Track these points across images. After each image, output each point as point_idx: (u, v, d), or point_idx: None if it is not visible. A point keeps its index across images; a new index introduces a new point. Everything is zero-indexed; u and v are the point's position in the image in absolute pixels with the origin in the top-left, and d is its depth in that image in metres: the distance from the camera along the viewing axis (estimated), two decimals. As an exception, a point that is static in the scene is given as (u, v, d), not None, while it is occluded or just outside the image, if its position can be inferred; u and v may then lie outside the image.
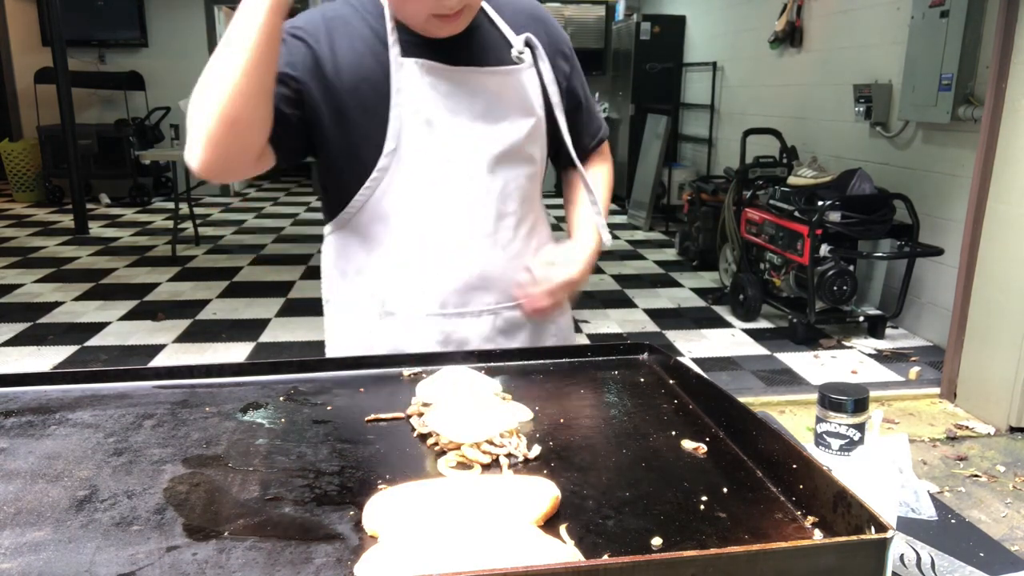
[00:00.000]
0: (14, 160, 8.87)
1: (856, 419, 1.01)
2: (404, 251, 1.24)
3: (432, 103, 1.19)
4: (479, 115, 1.21)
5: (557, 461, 0.87)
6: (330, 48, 1.17)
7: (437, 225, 1.22)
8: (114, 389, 1.05)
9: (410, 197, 1.21)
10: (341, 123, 1.19)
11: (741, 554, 0.60)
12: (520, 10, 1.30)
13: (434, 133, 1.19)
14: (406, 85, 1.17)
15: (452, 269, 1.24)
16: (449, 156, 1.20)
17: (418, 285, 1.25)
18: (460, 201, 1.22)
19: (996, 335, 3.16)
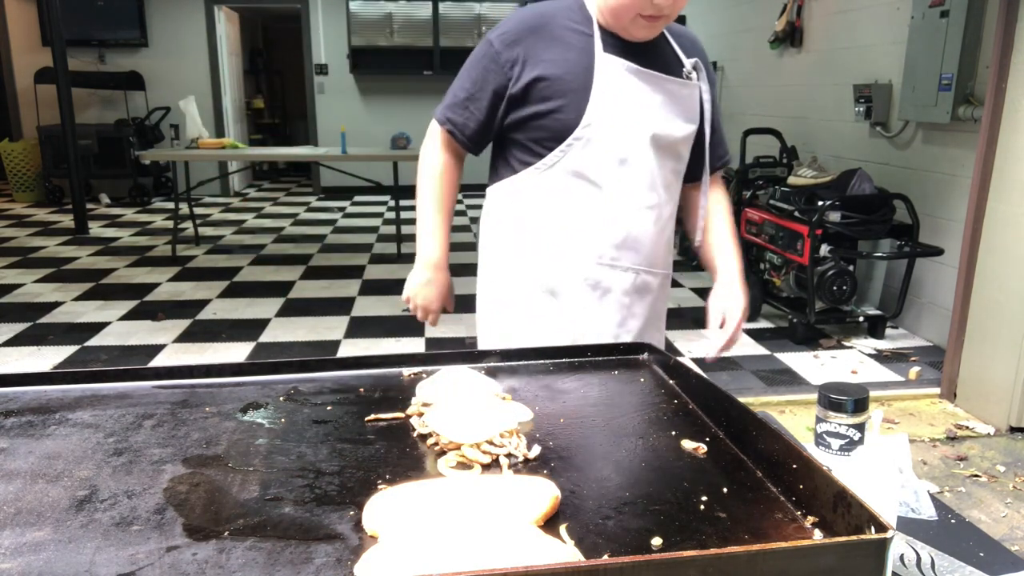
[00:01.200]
0: (14, 160, 8.87)
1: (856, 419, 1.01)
2: (580, 203, 1.48)
3: (625, 91, 1.44)
4: (656, 111, 1.47)
5: (557, 461, 0.87)
6: (539, 44, 1.44)
7: (611, 188, 1.47)
8: (114, 389, 1.05)
9: (594, 162, 1.45)
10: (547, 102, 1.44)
11: (741, 554, 0.60)
12: (685, 35, 1.57)
13: (622, 115, 1.44)
14: (606, 74, 1.43)
15: (615, 226, 1.49)
16: (629, 136, 1.45)
17: (586, 234, 1.49)
18: (631, 174, 1.47)
19: (996, 335, 3.16)
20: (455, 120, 1.52)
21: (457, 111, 1.51)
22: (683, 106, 1.50)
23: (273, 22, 12.91)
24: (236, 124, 10.31)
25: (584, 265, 1.50)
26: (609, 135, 1.44)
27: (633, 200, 1.49)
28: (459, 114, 1.51)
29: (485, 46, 1.48)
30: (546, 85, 1.43)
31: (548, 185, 1.49)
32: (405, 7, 9.45)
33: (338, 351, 4.13)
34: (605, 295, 1.52)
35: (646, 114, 1.45)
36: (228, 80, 9.93)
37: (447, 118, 1.53)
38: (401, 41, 9.55)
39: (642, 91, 1.45)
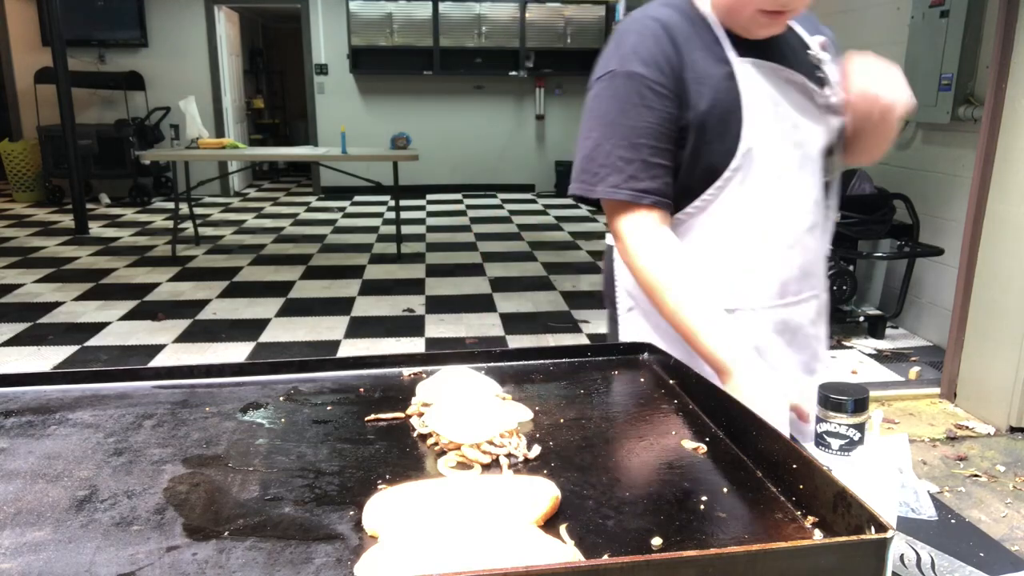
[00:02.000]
0: (14, 160, 8.87)
1: (856, 419, 1.01)
2: (749, 245, 1.23)
3: (772, 102, 1.19)
4: (802, 114, 1.22)
5: (557, 461, 0.87)
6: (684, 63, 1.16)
7: (779, 219, 1.23)
8: (114, 389, 1.05)
9: (757, 194, 1.20)
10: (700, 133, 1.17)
11: (741, 554, 0.60)
12: (809, 19, 1.31)
13: (779, 131, 1.20)
14: (750, 85, 1.17)
15: (791, 259, 1.26)
16: (788, 153, 1.22)
17: (762, 278, 1.25)
18: (796, 195, 1.24)
19: (996, 335, 3.16)
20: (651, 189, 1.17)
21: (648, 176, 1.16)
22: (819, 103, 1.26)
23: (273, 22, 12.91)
24: (236, 124, 10.31)
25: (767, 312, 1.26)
26: (767, 158, 1.19)
27: (804, 221, 1.25)
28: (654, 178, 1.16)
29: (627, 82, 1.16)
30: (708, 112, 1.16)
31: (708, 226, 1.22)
32: (405, 7, 9.46)
33: (338, 351, 4.13)
34: (797, 332, 1.29)
35: (795, 120, 1.22)
36: (228, 80, 9.93)
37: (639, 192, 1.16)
38: (401, 41, 9.55)
39: (785, 94, 1.21)
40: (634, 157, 1.16)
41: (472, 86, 9.95)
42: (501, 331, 4.49)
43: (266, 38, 13.19)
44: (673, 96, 1.15)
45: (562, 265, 5.99)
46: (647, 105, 1.15)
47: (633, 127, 1.15)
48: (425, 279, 5.64)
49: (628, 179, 1.16)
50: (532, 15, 9.64)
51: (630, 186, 1.16)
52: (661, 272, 1.17)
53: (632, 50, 1.16)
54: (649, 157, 1.16)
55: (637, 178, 1.16)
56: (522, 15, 9.60)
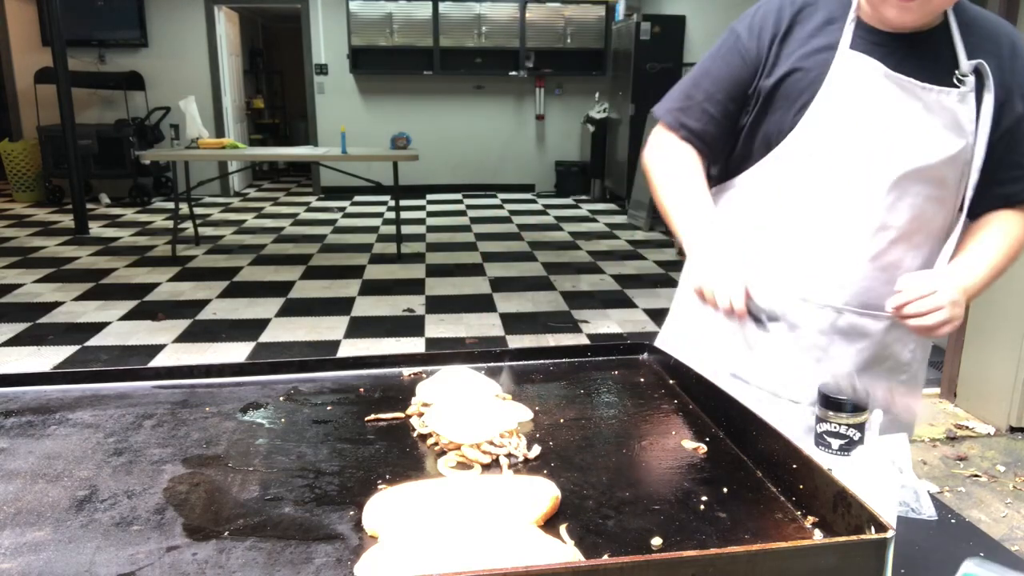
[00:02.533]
0: (14, 160, 8.87)
1: (856, 419, 1.01)
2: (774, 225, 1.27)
3: (861, 100, 1.19)
4: (901, 127, 1.19)
5: (557, 461, 0.87)
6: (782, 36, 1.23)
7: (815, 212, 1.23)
8: (114, 389, 1.05)
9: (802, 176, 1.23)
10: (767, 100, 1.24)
11: (741, 554, 0.60)
12: (992, 35, 1.23)
13: (847, 132, 1.19)
14: (843, 75, 1.19)
15: (806, 257, 1.25)
16: (853, 159, 1.20)
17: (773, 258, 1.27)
18: (846, 199, 1.22)
19: (996, 335, 3.16)
20: (688, 124, 1.29)
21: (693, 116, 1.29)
22: (948, 122, 1.19)
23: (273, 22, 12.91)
24: (236, 124, 10.31)
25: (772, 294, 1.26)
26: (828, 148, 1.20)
27: (841, 229, 1.22)
28: (693, 117, 1.29)
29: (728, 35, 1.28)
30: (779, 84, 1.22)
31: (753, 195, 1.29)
32: (405, 7, 9.45)
33: (338, 351, 4.13)
34: (793, 330, 1.28)
35: (888, 131, 1.19)
36: (228, 80, 9.93)
37: (680, 124, 1.30)
38: (401, 41, 9.55)
39: (890, 101, 1.18)
40: (694, 94, 1.30)
41: (472, 86, 9.95)
42: (501, 331, 4.49)
43: (266, 38, 13.19)
44: (753, 62, 1.24)
45: (562, 265, 5.99)
46: (725, 60, 1.27)
47: (707, 72, 1.29)
48: (425, 279, 5.64)
49: (679, 111, 1.31)
50: (532, 15, 9.64)
51: (676, 117, 1.31)
52: (665, 170, 1.32)
53: (750, 13, 1.28)
54: (704, 101, 1.28)
55: (685, 112, 1.30)
56: (522, 15, 9.60)
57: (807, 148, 1.22)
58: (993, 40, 1.22)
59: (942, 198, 1.24)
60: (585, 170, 9.74)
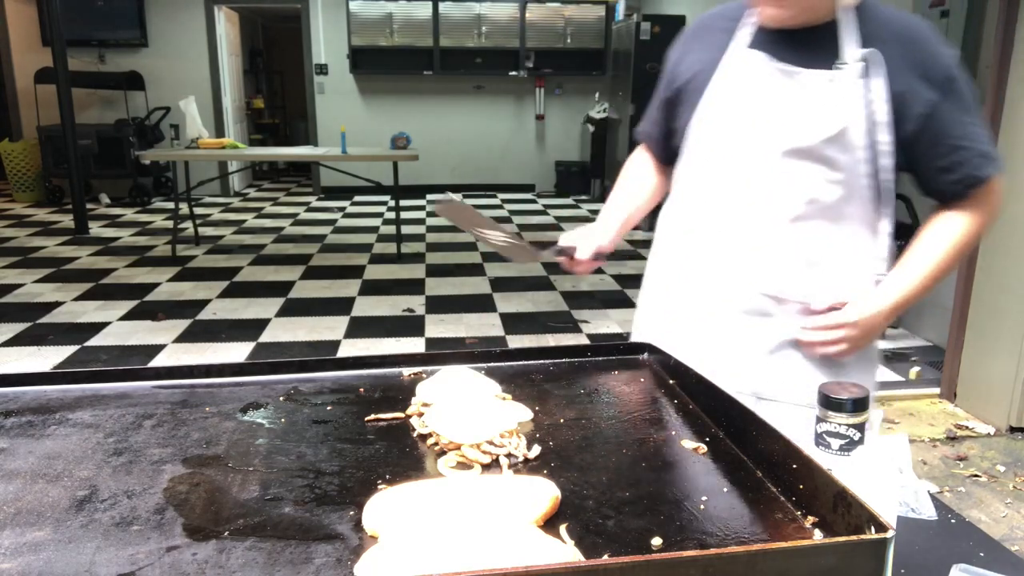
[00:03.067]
0: (14, 160, 8.87)
1: (856, 419, 1.00)
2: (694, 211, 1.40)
3: (742, 88, 1.32)
4: (778, 109, 1.28)
5: (557, 461, 0.87)
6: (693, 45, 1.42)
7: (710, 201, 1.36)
8: (114, 389, 1.05)
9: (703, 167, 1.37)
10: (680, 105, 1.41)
11: (741, 554, 0.60)
12: (892, 28, 1.27)
13: (732, 118, 1.32)
14: (730, 69, 1.33)
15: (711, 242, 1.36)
16: (742, 139, 1.32)
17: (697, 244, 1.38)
18: (735, 184, 1.33)
19: (996, 335, 3.16)
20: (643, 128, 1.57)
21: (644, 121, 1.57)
22: (821, 102, 1.26)
23: (273, 22, 12.91)
24: (236, 124, 10.31)
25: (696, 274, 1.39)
26: (717, 136, 1.33)
27: (741, 213, 1.31)
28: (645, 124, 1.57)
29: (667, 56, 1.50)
30: (684, 87, 1.40)
31: (679, 188, 1.44)
32: (405, 7, 9.45)
33: (338, 351, 4.13)
34: (714, 310, 1.36)
35: (770, 113, 1.28)
36: (228, 80, 9.93)
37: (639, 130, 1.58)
38: (401, 41, 9.55)
39: (769, 86, 1.29)
40: (652, 103, 1.54)
41: (472, 86, 9.95)
42: (501, 331, 4.49)
43: (266, 38, 13.19)
44: (671, 67, 1.46)
45: (562, 265, 5.99)
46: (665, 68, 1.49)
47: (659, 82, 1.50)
48: (425, 279, 5.64)
49: (640, 123, 1.59)
50: (532, 15, 9.64)
51: (639, 127, 1.59)
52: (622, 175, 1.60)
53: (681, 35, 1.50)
54: (652, 109, 1.54)
55: (644, 121, 1.58)
56: (522, 15, 9.60)
57: (702, 141, 1.36)
58: (893, 33, 1.26)
59: (845, 182, 1.28)
60: (585, 170, 9.74)
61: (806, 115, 1.27)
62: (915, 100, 1.25)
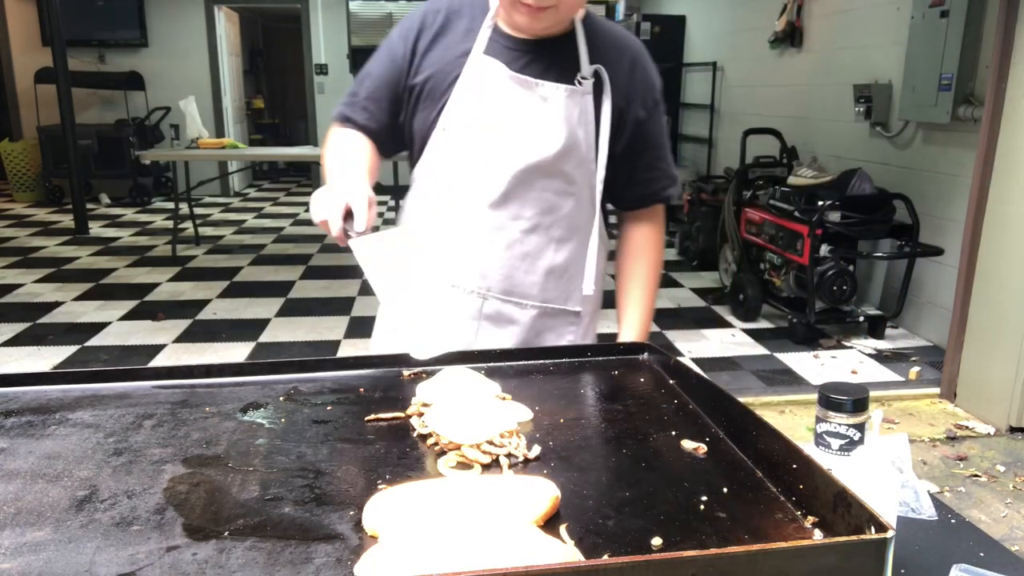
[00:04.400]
0: (14, 160, 8.87)
1: (856, 419, 1.01)
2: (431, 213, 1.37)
3: (485, 99, 1.30)
4: (519, 122, 1.30)
5: (557, 461, 0.87)
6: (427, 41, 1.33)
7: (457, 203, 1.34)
8: (114, 389, 1.05)
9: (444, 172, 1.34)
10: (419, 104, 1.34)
11: (741, 554, 0.60)
12: (616, 45, 1.35)
13: (474, 129, 1.31)
14: (471, 77, 1.30)
15: (453, 242, 1.34)
16: (482, 148, 1.31)
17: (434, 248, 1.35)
18: (478, 189, 1.32)
19: (996, 335, 3.16)
20: (353, 118, 1.38)
21: (356, 111, 1.38)
22: (559, 117, 1.30)
23: (273, 22, 12.91)
24: (236, 124, 10.31)
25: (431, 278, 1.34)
26: (460, 143, 1.32)
27: (477, 217, 1.33)
28: (357, 113, 1.37)
29: (386, 39, 1.38)
30: (421, 86, 1.33)
31: (416, 190, 1.41)
32: (405, 7, 9.45)
33: (338, 351, 4.13)
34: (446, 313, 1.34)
35: (508, 124, 1.29)
36: (228, 80, 9.93)
37: (345, 117, 1.38)
38: (401, 41, 9.55)
39: (510, 98, 1.29)
40: (358, 92, 1.39)
41: (472, 86, 9.96)
42: (501, 331, 4.49)
43: (266, 38, 13.19)
44: (401, 63, 1.34)
45: (562, 265, 6.00)
46: (381, 61, 1.37)
47: (368, 72, 1.38)
48: (425, 279, 5.64)
49: (345, 106, 1.39)
50: (532, 15, 9.64)
51: (341, 112, 1.39)
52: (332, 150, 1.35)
53: (406, 18, 1.38)
54: (365, 99, 1.37)
55: (350, 107, 1.38)
56: (522, 15, 9.60)
57: (445, 144, 1.33)
58: (617, 50, 1.34)
59: (574, 193, 1.36)
60: (585, 170, 9.73)
61: (545, 129, 1.30)
62: (630, 117, 1.35)
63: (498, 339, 1.37)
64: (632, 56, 1.36)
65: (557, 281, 1.39)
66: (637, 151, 1.38)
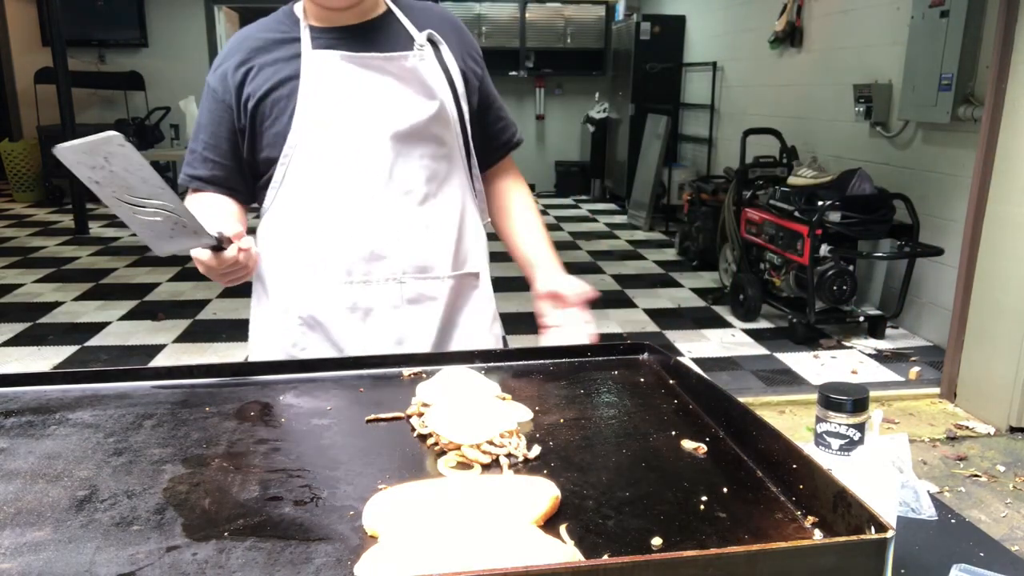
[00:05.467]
0: (14, 160, 8.87)
1: (856, 419, 1.00)
2: (314, 219, 1.32)
3: (339, 83, 1.29)
4: (381, 97, 1.31)
5: (557, 461, 0.87)
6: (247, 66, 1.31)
7: (337, 199, 1.31)
8: (114, 389, 1.05)
9: (316, 170, 1.31)
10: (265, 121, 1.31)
11: (741, 554, 0.60)
12: (431, 15, 1.41)
13: (337, 111, 1.29)
14: (313, 71, 1.28)
15: (356, 237, 1.32)
16: (352, 131, 1.30)
17: (328, 253, 1.33)
18: (358, 176, 1.31)
19: (996, 335, 3.16)
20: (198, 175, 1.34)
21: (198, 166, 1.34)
22: (419, 83, 1.32)
23: (273, 22, 12.90)
24: (236, 124, 10.30)
25: (336, 288, 1.33)
26: (325, 136, 1.29)
27: (372, 203, 1.31)
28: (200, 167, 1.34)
29: (205, 88, 1.35)
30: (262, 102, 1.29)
31: (283, 207, 1.34)
32: (405, 7, 9.45)
33: (338, 351, 4.12)
34: (368, 315, 1.34)
35: (370, 102, 1.30)
36: (228, 80, 9.92)
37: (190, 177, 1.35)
38: (401, 41, 9.55)
39: (362, 78, 1.30)
40: (195, 148, 1.36)
41: (472, 86, 9.95)
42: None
43: (266, 38, 13.19)
44: (226, 102, 1.32)
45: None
46: (209, 110, 1.34)
47: (201, 126, 1.35)
48: (425, 279, 5.64)
49: (187, 166, 1.36)
50: (532, 15, 9.64)
51: (186, 174, 1.36)
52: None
53: (216, 62, 1.36)
54: (204, 151, 1.34)
55: (191, 166, 1.35)
56: (522, 15, 9.59)
57: (308, 142, 1.29)
58: (436, 19, 1.40)
59: (449, 156, 1.38)
60: (585, 170, 9.73)
61: (405, 98, 1.32)
62: (472, 76, 1.40)
63: (421, 319, 1.37)
64: (451, 22, 1.43)
65: (457, 246, 1.40)
66: (484, 107, 1.45)
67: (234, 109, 1.32)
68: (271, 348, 1.38)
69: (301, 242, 1.34)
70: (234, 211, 1.35)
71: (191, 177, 1.35)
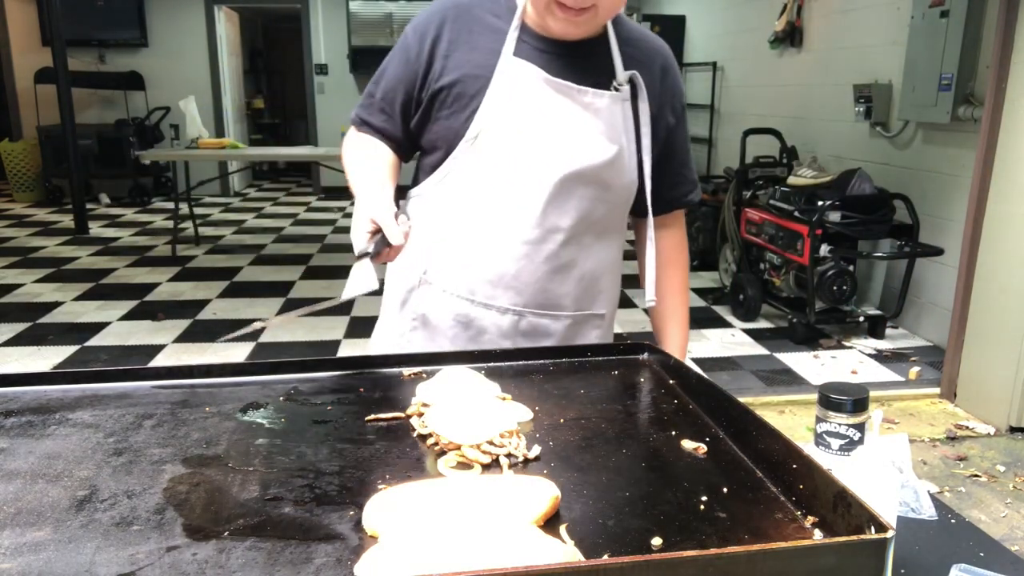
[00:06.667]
0: (14, 160, 8.87)
1: (856, 419, 1.01)
2: (458, 228, 1.30)
3: (523, 106, 1.24)
4: (563, 132, 1.25)
5: (557, 461, 0.87)
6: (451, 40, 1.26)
7: (483, 219, 1.28)
8: (114, 389, 1.05)
9: (474, 183, 1.27)
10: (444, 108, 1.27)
11: (741, 554, 0.60)
12: (647, 50, 1.33)
13: (513, 131, 1.24)
14: (506, 81, 1.24)
15: (487, 261, 1.29)
16: (520, 157, 1.25)
17: (456, 266, 1.30)
18: (511, 205, 1.26)
19: (996, 335, 3.16)
20: (370, 121, 1.34)
21: (373, 114, 1.33)
22: (606, 124, 1.26)
23: (273, 22, 12.91)
24: (236, 124, 10.31)
25: (454, 300, 1.31)
26: (494, 153, 1.25)
27: (515, 234, 1.27)
28: (374, 116, 1.33)
29: (402, 38, 1.31)
30: (447, 90, 1.26)
31: (437, 201, 1.31)
32: (405, 7, 9.45)
33: (338, 351, 4.13)
34: (480, 335, 1.32)
35: (551, 136, 1.24)
36: (228, 80, 9.93)
37: (361, 120, 1.35)
38: (401, 41, 9.55)
39: (552, 106, 1.24)
40: (374, 93, 1.34)
41: (472, 86, 9.95)
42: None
43: (266, 38, 13.19)
44: (415, 64, 1.28)
45: (562, 265, 5.99)
46: (397, 60, 1.31)
47: (383, 72, 1.33)
48: (425, 279, 5.64)
49: (362, 108, 1.35)
50: (532, 15, 9.63)
51: (358, 115, 1.36)
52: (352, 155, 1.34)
53: (419, 17, 1.31)
54: (380, 100, 1.32)
55: (366, 110, 1.34)
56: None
57: (476, 153, 1.26)
58: (648, 55, 1.32)
59: (608, 200, 1.31)
60: (585, 170, 9.72)
61: (591, 137, 1.26)
62: (662, 124, 1.33)
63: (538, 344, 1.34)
64: (663, 62, 1.34)
65: (588, 287, 1.35)
66: (665, 157, 1.36)
67: (419, 78, 1.28)
68: (388, 329, 1.41)
69: (438, 243, 1.31)
70: (391, 162, 1.33)
71: (363, 122, 1.35)
